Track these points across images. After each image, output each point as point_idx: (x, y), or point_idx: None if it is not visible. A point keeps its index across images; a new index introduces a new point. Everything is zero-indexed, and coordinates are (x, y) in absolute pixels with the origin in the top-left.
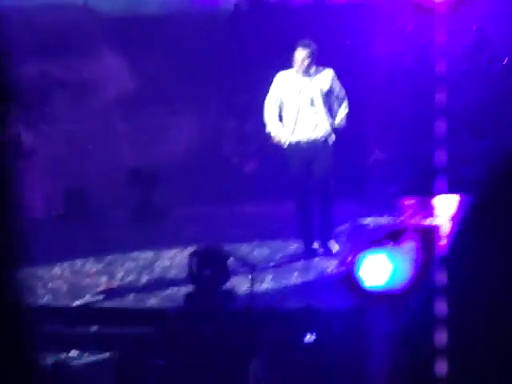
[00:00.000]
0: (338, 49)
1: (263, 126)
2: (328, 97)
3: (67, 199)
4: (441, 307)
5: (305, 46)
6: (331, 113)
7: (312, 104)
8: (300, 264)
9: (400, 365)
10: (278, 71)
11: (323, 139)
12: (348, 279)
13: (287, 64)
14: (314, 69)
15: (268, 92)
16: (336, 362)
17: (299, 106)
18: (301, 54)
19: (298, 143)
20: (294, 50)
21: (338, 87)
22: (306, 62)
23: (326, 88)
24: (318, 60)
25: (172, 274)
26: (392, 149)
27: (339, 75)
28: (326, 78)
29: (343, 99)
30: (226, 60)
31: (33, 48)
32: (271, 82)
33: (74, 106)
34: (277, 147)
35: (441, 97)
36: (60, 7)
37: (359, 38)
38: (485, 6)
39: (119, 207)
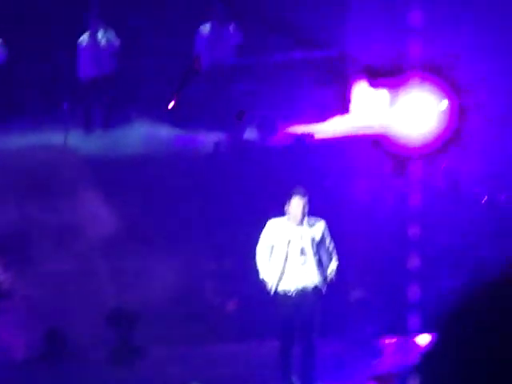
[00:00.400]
0: (317, 191)
1: (243, 264)
2: (318, 248)
3: (47, 340)
4: None
5: (302, 196)
6: (321, 263)
7: (302, 253)
8: None
9: None
10: (255, 211)
11: (311, 289)
12: None
13: (267, 203)
14: (306, 219)
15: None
16: None
17: (289, 254)
18: (299, 204)
19: (286, 291)
20: (270, 189)
21: (328, 239)
22: (303, 211)
23: (317, 239)
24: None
25: None
26: (371, 288)
27: (317, 214)
28: (318, 229)
29: (333, 251)
30: (206, 199)
31: (12, 189)
32: (248, 221)
33: (53, 247)
34: (257, 287)
35: (415, 233)
36: (40, 148)
37: (338, 179)
38: (458, 154)
39: (98, 349)
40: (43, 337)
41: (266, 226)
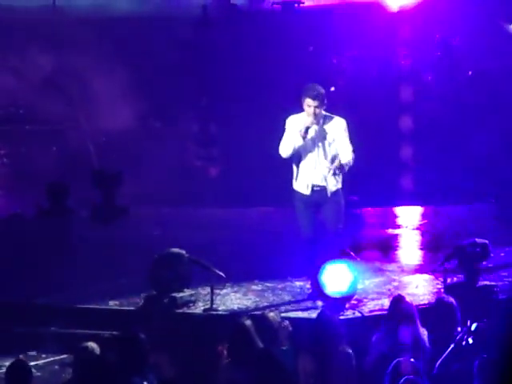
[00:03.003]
0: (303, 54)
1: (228, 129)
2: (334, 148)
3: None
4: None
5: (312, 98)
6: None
7: (318, 153)
8: (260, 271)
9: None
10: (240, 78)
11: (327, 187)
12: (313, 286)
13: (253, 69)
14: (323, 116)
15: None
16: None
17: (309, 151)
18: (309, 105)
19: (305, 189)
20: (256, 55)
21: (346, 139)
22: (317, 111)
23: (333, 138)
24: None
25: (133, 276)
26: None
27: (307, 78)
28: (335, 127)
29: (350, 153)
30: (192, 62)
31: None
32: (233, 90)
33: (45, 106)
34: (241, 152)
35: (405, 100)
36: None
37: (325, 42)
38: (448, 17)
39: (85, 206)
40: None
41: (287, 122)
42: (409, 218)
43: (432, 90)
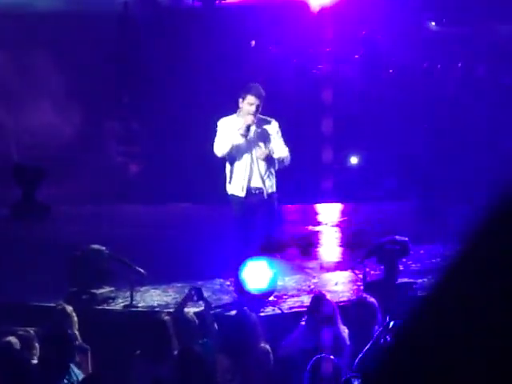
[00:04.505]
0: (228, 53)
1: (150, 128)
2: (268, 148)
3: None
4: None
5: (259, 96)
6: (270, 167)
7: (254, 153)
8: (180, 268)
9: None
10: (161, 72)
11: (261, 190)
12: (233, 283)
13: (175, 66)
14: (257, 117)
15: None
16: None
17: (244, 153)
18: (253, 102)
19: (239, 191)
20: (180, 52)
21: (279, 141)
22: (256, 112)
23: (269, 139)
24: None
25: (53, 273)
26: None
27: (233, 73)
28: (269, 129)
29: (286, 151)
30: (115, 59)
31: None
32: (156, 83)
33: None
34: (163, 150)
35: (327, 98)
36: None
37: (247, 38)
38: (371, 15)
39: (3, 204)
40: None
41: (219, 124)
42: (329, 215)
43: (353, 87)
